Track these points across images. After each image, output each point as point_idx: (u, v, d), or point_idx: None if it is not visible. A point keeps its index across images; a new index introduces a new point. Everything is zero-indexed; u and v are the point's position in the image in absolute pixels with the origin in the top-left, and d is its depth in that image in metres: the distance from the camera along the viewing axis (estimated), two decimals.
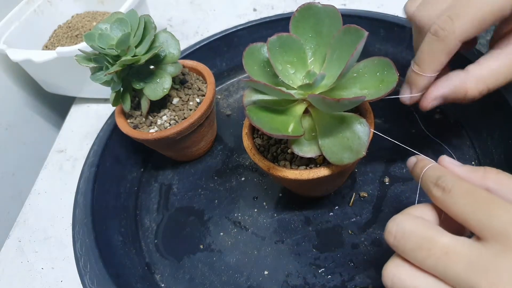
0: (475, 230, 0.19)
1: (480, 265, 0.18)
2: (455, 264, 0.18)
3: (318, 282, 0.34)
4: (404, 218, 0.21)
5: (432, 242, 0.19)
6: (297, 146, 0.30)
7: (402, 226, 0.21)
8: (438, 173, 0.22)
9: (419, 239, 0.20)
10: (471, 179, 0.22)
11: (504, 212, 0.18)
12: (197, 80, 0.45)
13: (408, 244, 0.20)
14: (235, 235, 0.39)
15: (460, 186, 0.21)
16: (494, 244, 0.18)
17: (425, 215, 0.22)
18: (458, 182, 0.21)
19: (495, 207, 0.19)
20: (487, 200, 0.19)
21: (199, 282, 0.36)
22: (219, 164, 0.46)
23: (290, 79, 0.31)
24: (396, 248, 0.21)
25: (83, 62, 0.37)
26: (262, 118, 0.28)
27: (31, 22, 0.58)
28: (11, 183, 0.57)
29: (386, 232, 0.21)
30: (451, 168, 0.23)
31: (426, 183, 0.23)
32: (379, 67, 0.29)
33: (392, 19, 0.47)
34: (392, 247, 0.21)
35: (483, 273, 0.17)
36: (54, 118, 0.68)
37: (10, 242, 0.45)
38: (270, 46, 0.30)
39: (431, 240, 0.19)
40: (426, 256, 0.19)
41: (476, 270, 0.18)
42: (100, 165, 0.41)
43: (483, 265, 0.18)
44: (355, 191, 0.39)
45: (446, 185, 0.21)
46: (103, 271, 0.32)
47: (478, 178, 0.22)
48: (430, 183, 0.22)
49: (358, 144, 0.28)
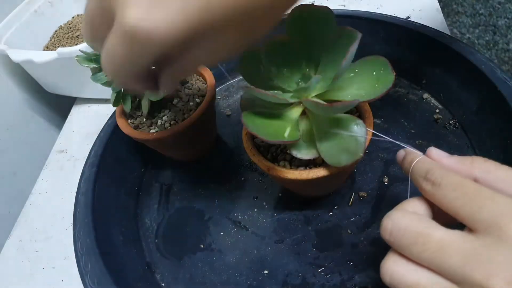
0: (467, 223, 0.19)
1: (474, 257, 0.18)
2: (450, 257, 0.19)
3: (318, 282, 0.34)
4: (398, 214, 0.22)
5: (427, 237, 0.20)
6: (295, 149, 0.30)
7: (397, 222, 0.21)
8: (426, 166, 0.23)
9: (414, 234, 0.20)
10: (459, 169, 0.22)
11: (493, 203, 0.19)
12: (197, 80, 0.45)
13: (404, 240, 0.20)
14: (235, 234, 0.39)
15: (449, 179, 0.21)
16: (486, 235, 0.18)
17: (418, 209, 0.22)
18: (446, 175, 0.21)
19: (484, 199, 0.19)
20: (476, 192, 0.20)
21: (199, 281, 0.37)
22: (219, 164, 0.46)
23: (286, 82, 0.31)
24: (392, 244, 0.21)
25: (84, 63, 0.37)
26: (257, 124, 0.28)
27: (31, 23, 0.59)
28: (12, 183, 0.57)
29: (382, 228, 0.22)
30: (439, 159, 0.24)
31: (415, 177, 0.23)
32: (375, 66, 0.29)
33: (391, 20, 0.47)
34: (388, 243, 0.21)
35: (478, 265, 0.18)
36: (55, 118, 0.68)
37: (11, 242, 0.45)
38: (265, 49, 0.30)
39: (426, 235, 0.20)
40: (421, 250, 0.20)
41: (470, 262, 0.18)
42: (101, 165, 0.41)
43: (477, 257, 0.18)
44: (354, 191, 0.40)
45: (435, 178, 0.21)
46: (103, 270, 0.32)
47: (466, 168, 0.22)
48: (420, 177, 0.22)
49: (355, 146, 0.28)
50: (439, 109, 0.45)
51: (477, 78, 0.39)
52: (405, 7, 0.59)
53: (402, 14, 0.58)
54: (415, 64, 0.47)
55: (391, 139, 0.30)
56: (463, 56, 0.41)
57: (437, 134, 0.42)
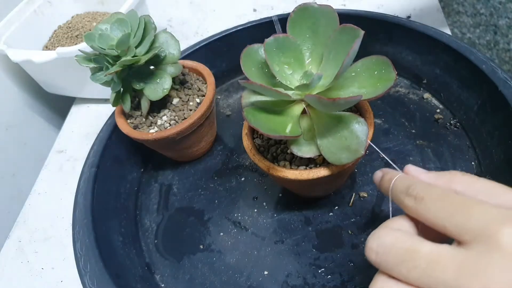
0: (455, 235, 0.19)
1: (468, 269, 0.17)
2: (442, 272, 0.18)
3: (318, 282, 0.34)
4: (383, 232, 0.21)
5: (415, 253, 0.19)
6: (296, 146, 0.30)
7: (382, 241, 0.20)
8: (407, 182, 0.22)
9: (401, 252, 0.19)
10: (439, 184, 0.22)
11: (479, 211, 0.18)
12: (197, 80, 0.45)
13: (391, 259, 0.19)
14: (235, 235, 0.39)
15: (431, 192, 0.20)
16: (477, 245, 0.17)
17: (403, 227, 0.21)
18: (428, 188, 0.21)
19: (470, 208, 0.18)
20: (461, 202, 0.19)
21: (199, 282, 0.36)
22: (219, 164, 0.46)
23: (288, 80, 0.31)
24: (379, 265, 0.20)
25: (83, 63, 0.37)
26: (259, 119, 0.28)
27: (31, 23, 0.58)
28: (11, 183, 0.57)
29: (367, 249, 0.21)
30: (417, 176, 0.23)
31: (396, 195, 0.22)
32: (377, 66, 0.29)
33: (392, 20, 0.47)
34: (375, 265, 0.20)
35: (473, 277, 0.17)
36: (54, 118, 0.68)
37: (10, 242, 0.45)
38: (267, 47, 0.30)
39: (413, 251, 0.19)
40: (411, 268, 0.18)
41: (465, 275, 0.17)
42: (100, 166, 0.41)
43: (471, 269, 0.17)
44: (355, 191, 0.39)
45: (417, 193, 0.21)
46: (103, 271, 0.32)
47: (445, 183, 0.21)
48: (401, 193, 0.22)
49: (356, 144, 0.28)
50: (440, 109, 0.44)
51: (478, 78, 0.39)
52: (405, 7, 0.59)
53: (402, 14, 0.58)
54: (416, 64, 0.47)
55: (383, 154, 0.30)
56: (464, 56, 0.41)
57: (438, 134, 0.42)
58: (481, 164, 0.39)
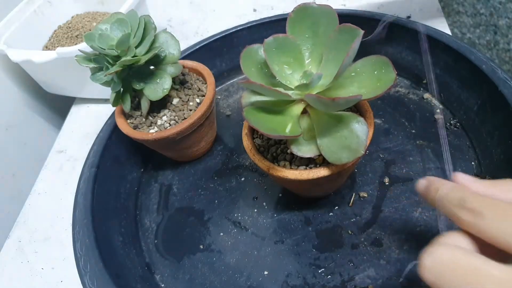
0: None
1: None
2: None
3: (318, 282, 0.34)
4: (439, 249, 0.18)
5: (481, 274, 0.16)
6: (296, 146, 0.30)
7: (440, 259, 0.18)
8: (459, 194, 0.19)
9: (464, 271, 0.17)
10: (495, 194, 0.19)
11: None
12: (197, 80, 0.45)
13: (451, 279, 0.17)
14: (235, 235, 0.39)
15: (492, 207, 0.18)
16: None
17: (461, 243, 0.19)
18: (487, 202, 0.18)
19: None
20: None
21: (199, 282, 0.36)
22: (219, 165, 0.46)
23: (287, 80, 0.31)
24: (433, 284, 0.18)
25: (83, 63, 0.37)
26: (259, 119, 0.28)
27: (31, 23, 0.58)
28: (11, 183, 0.57)
29: (422, 268, 0.18)
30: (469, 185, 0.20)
31: (448, 208, 0.20)
32: (377, 65, 0.29)
33: (392, 20, 0.47)
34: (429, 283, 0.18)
35: None
36: (54, 118, 0.68)
37: (10, 242, 0.45)
38: (266, 47, 0.30)
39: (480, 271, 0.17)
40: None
41: None
42: (100, 166, 0.41)
43: None
44: (355, 191, 0.39)
45: (475, 207, 0.18)
46: (103, 271, 0.32)
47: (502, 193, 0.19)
48: (454, 206, 0.19)
49: (357, 143, 0.28)
50: (440, 109, 0.44)
51: (478, 78, 0.39)
52: (405, 7, 0.59)
53: (402, 14, 0.58)
54: (416, 64, 0.47)
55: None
56: (464, 56, 0.41)
57: (438, 134, 0.42)
58: (481, 164, 0.39)
